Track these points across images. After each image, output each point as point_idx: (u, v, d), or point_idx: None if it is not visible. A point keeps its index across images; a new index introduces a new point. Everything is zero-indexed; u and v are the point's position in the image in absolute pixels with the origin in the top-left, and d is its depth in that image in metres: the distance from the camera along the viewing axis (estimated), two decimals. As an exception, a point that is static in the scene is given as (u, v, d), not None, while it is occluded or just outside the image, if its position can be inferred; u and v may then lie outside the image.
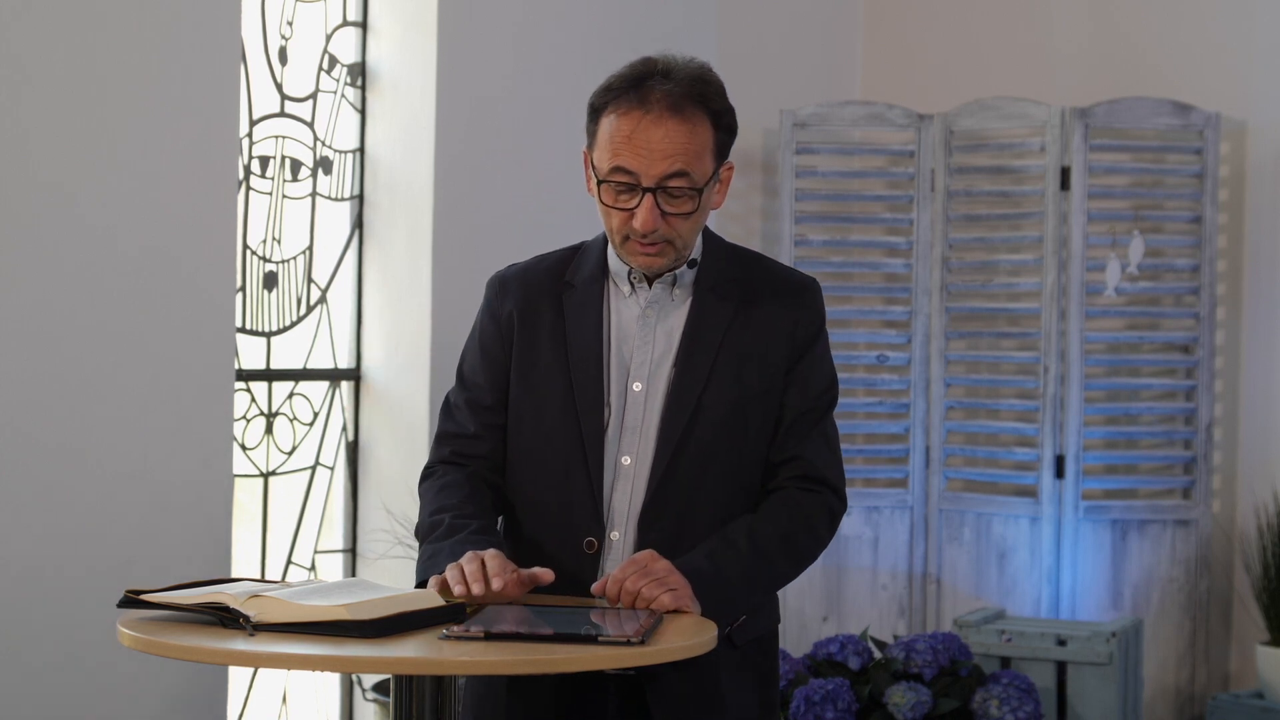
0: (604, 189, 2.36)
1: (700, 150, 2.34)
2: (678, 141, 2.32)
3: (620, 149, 2.33)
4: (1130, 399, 5.38)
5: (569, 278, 2.49)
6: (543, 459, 2.44)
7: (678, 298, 2.45)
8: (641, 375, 2.43)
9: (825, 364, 2.50)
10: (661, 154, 2.31)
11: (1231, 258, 5.47)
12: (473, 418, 2.50)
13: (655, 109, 2.32)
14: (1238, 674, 5.44)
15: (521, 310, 2.48)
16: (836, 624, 5.43)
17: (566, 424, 2.42)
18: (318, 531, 4.54)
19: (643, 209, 2.33)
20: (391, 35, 4.60)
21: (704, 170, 2.35)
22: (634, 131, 2.32)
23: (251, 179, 4.31)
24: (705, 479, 2.40)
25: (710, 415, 2.40)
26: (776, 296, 2.47)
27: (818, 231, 5.55)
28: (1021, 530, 5.28)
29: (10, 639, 3.51)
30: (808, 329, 2.47)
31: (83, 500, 3.64)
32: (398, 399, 4.55)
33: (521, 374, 2.47)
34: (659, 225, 2.34)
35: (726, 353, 2.42)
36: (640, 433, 2.41)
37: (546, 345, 2.46)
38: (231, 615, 2.08)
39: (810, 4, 6.01)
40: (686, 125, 2.33)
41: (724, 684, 2.40)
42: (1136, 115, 5.29)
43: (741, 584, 2.36)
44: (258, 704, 4.33)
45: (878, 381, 5.49)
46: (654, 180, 2.32)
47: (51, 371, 3.59)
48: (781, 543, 2.40)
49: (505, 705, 2.43)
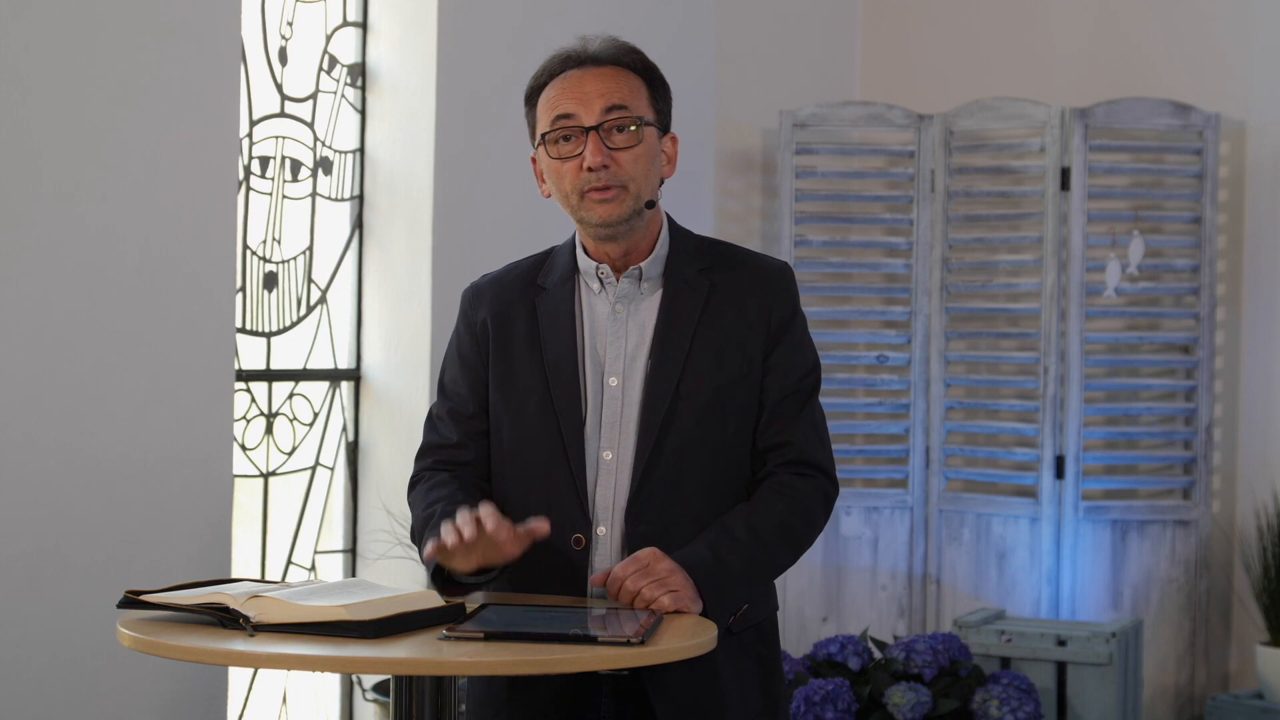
0: (549, 147, 2.43)
1: (634, 91, 2.44)
2: (610, 82, 2.43)
3: (558, 100, 2.43)
4: (1130, 399, 5.38)
5: (541, 281, 2.52)
6: (525, 461, 2.46)
7: (646, 290, 2.47)
8: (616, 370, 2.44)
9: (805, 347, 2.52)
10: (597, 92, 2.42)
11: (1231, 258, 5.47)
12: (455, 427, 2.52)
13: (585, 65, 2.45)
14: (1237, 674, 5.44)
15: (496, 317, 2.51)
16: (836, 624, 5.43)
17: (546, 424, 2.43)
18: (318, 532, 4.54)
19: (590, 146, 2.39)
20: (391, 35, 4.61)
21: (642, 108, 2.44)
22: (565, 84, 2.44)
23: (251, 179, 4.31)
24: (688, 469, 2.41)
25: (689, 404, 2.41)
26: (748, 282, 2.49)
27: (817, 232, 5.55)
28: (1021, 530, 5.28)
29: (10, 639, 3.51)
30: (781, 313, 2.48)
31: (82, 500, 3.64)
32: (398, 399, 4.55)
33: (499, 380, 2.49)
34: (607, 160, 2.39)
35: (701, 341, 2.44)
36: (619, 427, 2.43)
37: (522, 349, 2.48)
38: (231, 616, 2.09)
39: (810, 4, 6.01)
40: (616, 71, 2.45)
41: (724, 674, 2.41)
42: (1136, 116, 5.29)
43: (743, 574, 2.37)
44: (258, 704, 4.33)
45: (878, 382, 5.49)
46: (595, 117, 2.40)
47: (52, 371, 3.59)
48: (780, 530, 2.41)
49: (506, 706, 2.44)
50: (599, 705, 2.41)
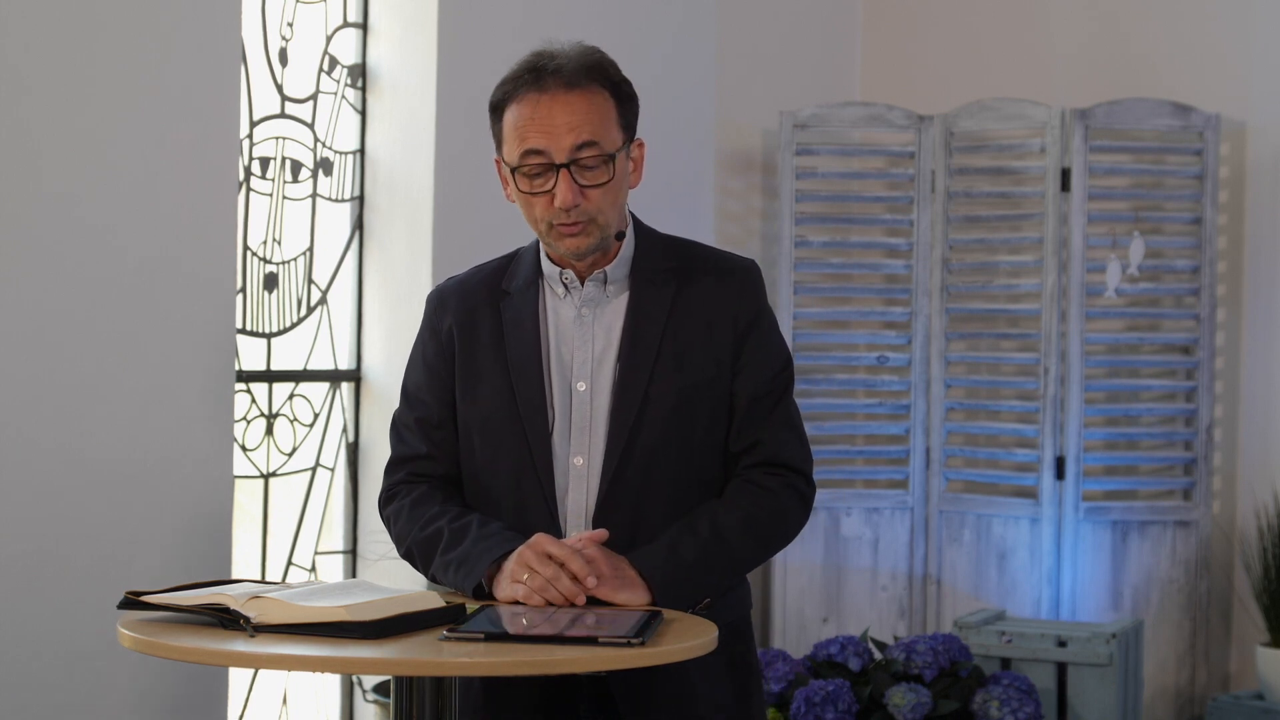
0: (519, 179, 2.38)
1: (603, 118, 2.38)
2: (579, 112, 2.36)
3: (526, 132, 2.36)
4: (1130, 400, 5.38)
5: (505, 285, 2.50)
6: (495, 469, 2.44)
7: (612, 293, 2.46)
8: (584, 375, 2.43)
9: (774, 345, 2.49)
10: (566, 126, 2.35)
11: (1231, 259, 5.47)
12: (423, 438, 2.51)
13: (551, 88, 2.37)
14: (1238, 675, 5.44)
15: (461, 323, 2.49)
16: (836, 625, 5.43)
17: (512, 431, 2.42)
18: (318, 533, 4.54)
19: (560, 185, 2.35)
20: (391, 36, 4.61)
21: (612, 139, 2.39)
22: (534, 113, 2.36)
23: (252, 180, 4.31)
24: (657, 473, 2.40)
25: (657, 407, 2.40)
26: (714, 282, 2.47)
27: (818, 233, 5.55)
28: (1022, 531, 5.28)
29: (10, 639, 3.51)
30: (748, 312, 2.46)
31: (82, 501, 3.64)
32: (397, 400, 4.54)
33: (465, 387, 2.47)
34: (579, 200, 2.35)
35: (669, 343, 2.42)
36: (589, 432, 2.41)
37: (487, 355, 2.46)
38: (232, 616, 2.09)
39: (810, 5, 6.01)
40: (584, 96, 2.37)
41: (693, 673, 2.38)
42: (1136, 116, 5.29)
43: (699, 566, 2.34)
44: (258, 705, 4.32)
45: (878, 383, 5.49)
46: (565, 154, 2.35)
47: (52, 372, 3.59)
48: (744, 524, 2.39)
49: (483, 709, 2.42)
50: (576, 709, 2.40)
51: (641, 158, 2.48)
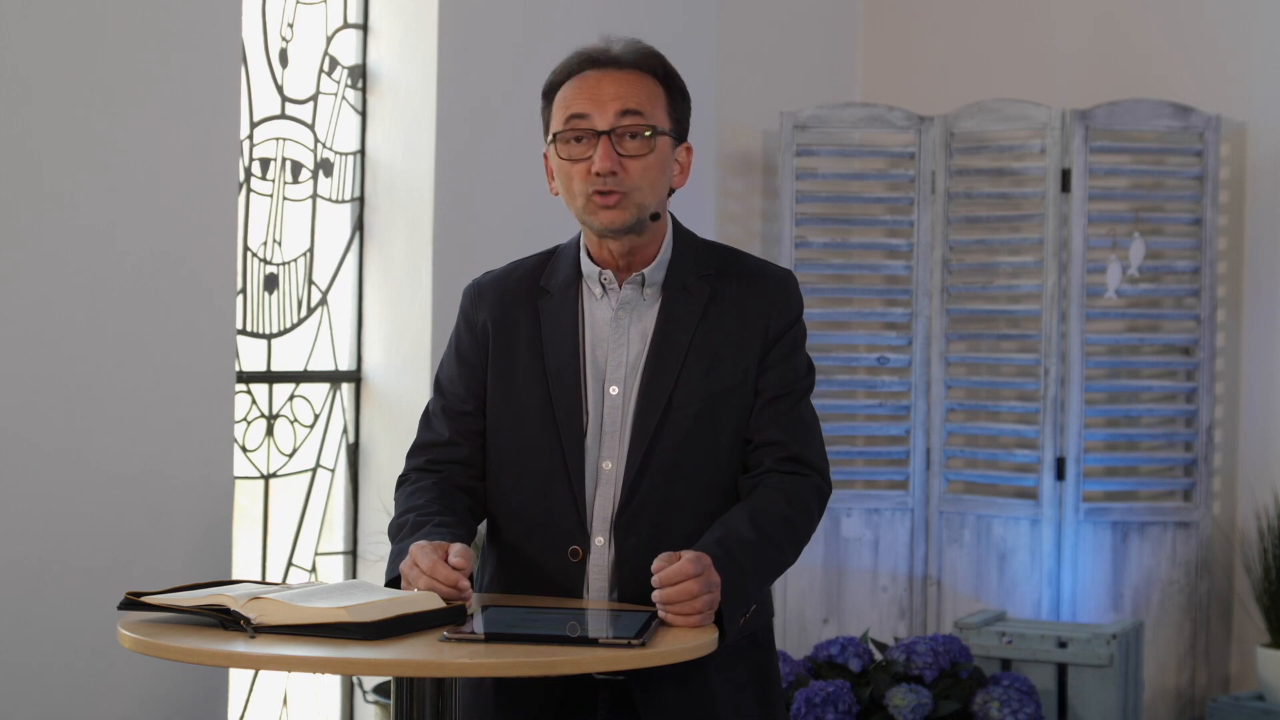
0: (559, 146, 2.40)
1: (652, 97, 2.41)
2: (629, 86, 2.40)
3: (574, 100, 2.40)
4: (1131, 401, 5.38)
5: (544, 283, 2.49)
6: (524, 468, 2.43)
7: (649, 297, 2.44)
8: (617, 379, 2.42)
9: (800, 353, 2.48)
10: (613, 95, 2.39)
11: (1232, 260, 5.47)
12: (448, 424, 2.50)
13: (606, 67, 2.42)
14: (1238, 676, 5.44)
15: (497, 319, 2.48)
16: (837, 626, 5.43)
17: (546, 432, 2.41)
18: (318, 533, 4.54)
19: (600, 150, 2.36)
20: (392, 37, 4.61)
21: (658, 116, 2.41)
22: (583, 85, 2.41)
23: (252, 181, 4.31)
24: (679, 479, 2.38)
25: (680, 414, 2.38)
26: (750, 289, 2.46)
27: (818, 234, 5.55)
28: (1022, 532, 5.28)
29: (11, 640, 3.51)
30: (782, 320, 2.45)
31: (83, 502, 3.64)
32: (398, 401, 4.55)
33: (499, 383, 2.46)
34: (616, 167, 2.36)
35: (696, 350, 2.41)
36: (619, 436, 2.40)
37: (524, 354, 2.45)
38: (232, 617, 2.09)
39: (810, 6, 6.01)
40: (636, 76, 2.42)
41: (716, 684, 2.38)
42: (1137, 117, 5.29)
43: (755, 573, 2.33)
44: (258, 706, 4.33)
45: (878, 383, 5.49)
46: (608, 122, 2.37)
47: (52, 373, 3.59)
48: (784, 527, 2.38)
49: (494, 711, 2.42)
50: (594, 713, 2.39)
51: (689, 163, 2.48)
